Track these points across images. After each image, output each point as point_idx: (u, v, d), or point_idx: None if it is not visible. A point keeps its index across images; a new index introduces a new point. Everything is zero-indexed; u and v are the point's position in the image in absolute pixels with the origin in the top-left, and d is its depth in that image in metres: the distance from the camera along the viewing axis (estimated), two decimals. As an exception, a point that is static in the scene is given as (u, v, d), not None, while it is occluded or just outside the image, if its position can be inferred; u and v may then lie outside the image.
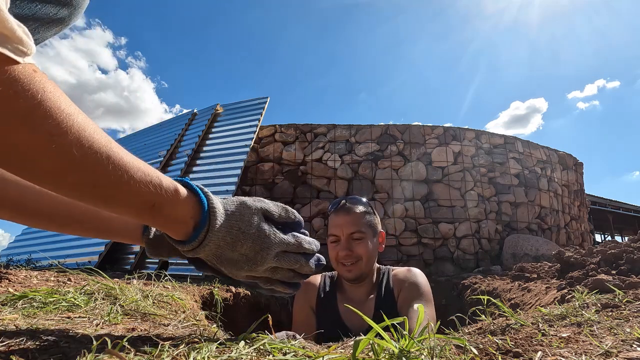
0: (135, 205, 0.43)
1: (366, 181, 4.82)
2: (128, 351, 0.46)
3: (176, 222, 0.48)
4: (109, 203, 0.42)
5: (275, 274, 0.58)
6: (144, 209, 0.44)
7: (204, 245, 0.49)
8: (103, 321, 0.73)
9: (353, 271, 1.25)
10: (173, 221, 0.48)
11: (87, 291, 0.97)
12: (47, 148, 0.35)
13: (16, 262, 3.72)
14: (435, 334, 0.54)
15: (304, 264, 0.58)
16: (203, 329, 0.72)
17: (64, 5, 0.52)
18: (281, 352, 0.50)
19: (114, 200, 0.42)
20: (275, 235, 0.55)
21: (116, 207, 0.43)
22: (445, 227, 4.69)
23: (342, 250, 1.24)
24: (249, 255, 0.53)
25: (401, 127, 5.11)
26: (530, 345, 0.57)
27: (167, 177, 0.47)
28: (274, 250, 0.55)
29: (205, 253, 0.51)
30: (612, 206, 16.65)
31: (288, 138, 5.05)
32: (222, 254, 0.52)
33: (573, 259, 1.93)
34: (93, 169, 0.39)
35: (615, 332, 0.60)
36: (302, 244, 0.58)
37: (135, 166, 0.42)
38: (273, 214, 0.57)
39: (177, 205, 0.47)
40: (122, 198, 0.42)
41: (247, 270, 0.54)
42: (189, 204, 0.49)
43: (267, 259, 0.54)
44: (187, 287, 1.97)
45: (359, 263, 1.24)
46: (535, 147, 5.64)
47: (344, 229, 1.26)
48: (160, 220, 0.46)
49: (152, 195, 0.44)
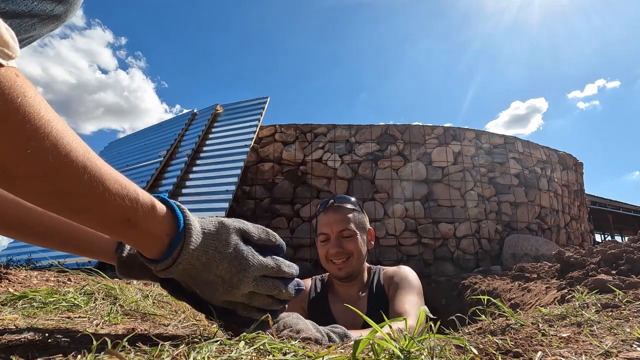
0: (108, 219, 0.42)
1: (366, 181, 4.82)
2: (128, 351, 0.46)
3: (150, 238, 0.46)
4: (82, 214, 0.41)
5: (252, 300, 0.54)
6: (117, 223, 0.42)
7: (178, 264, 0.47)
8: (103, 321, 0.73)
9: (344, 269, 1.25)
10: (147, 237, 0.46)
11: (87, 291, 0.97)
12: (22, 153, 0.35)
13: (16, 262, 3.72)
14: (435, 334, 0.54)
15: (282, 289, 0.55)
16: (203, 329, 0.71)
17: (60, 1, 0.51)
18: (281, 352, 0.50)
19: (87, 212, 0.40)
20: (254, 257, 0.53)
21: (88, 219, 0.41)
22: (445, 227, 4.69)
23: (333, 248, 1.25)
24: (225, 277, 0.51)
25: (401, 127, 5.11)
26: (530, 345, 0.57)
27: (145, 192, 0.45)
28: (251, 273, 0.52)
29: (179, 273, 0.49)
30: (612, 206, 16.66)
31: (288, 138, 5.05)
32: (196, 275, 0.49)
33: (573, 259, 1.93)
34: (67, 178, 0.37)
35: (615, 332, 0.60)
36: (282, 267, 0.56)
37: (112, 178, 0.41)
38: (252, 236, 0.55)
39: (152, 221, 0.45)
40: (96, 210, 0.40)
41: (223, 293, 0.52)
42: (165, 220, 0.46)
43: (244, 281, 0.52)
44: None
45: (350, 260, 1.25)
46: (535, 147, 5.64)
47: (334, 227, 1.26)
48: (133, 235, 0.44)
49: (127, 209, 0.42)
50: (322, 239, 1.29)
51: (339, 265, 1.25)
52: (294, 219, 4.73)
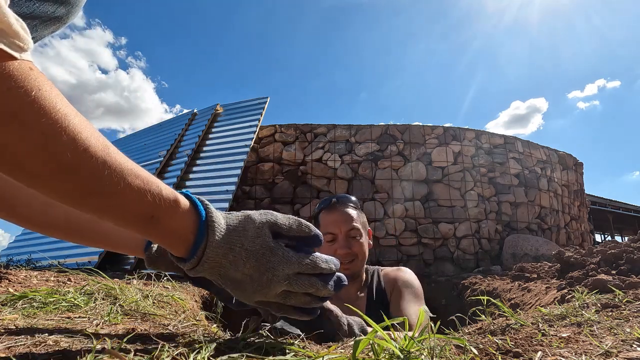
0: (131, 216, 0.40)
1: (366, 181, 4.82)
2: (128, 351, 0.46)
3: (175, 236, 0.44)
4: (104, 212, 0.39)
5: (288, 299, 0.51)
6: (141, 220, 0.41)
7: (203, 263, 0.45)
8: (103, 321, 0.73)
9: (350, 269, 1.24)
10: (171, 235, 0.44)
11: (87, 291, 0.97)
12: (39, 149, 0.33)
13: (16, 262, 3.72)
14: (435, 334, 0.54)
15: (320, 287, 0.51)
16: (203, 329, 0.71)
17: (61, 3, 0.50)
18: (281, 352, 0.50)
19: (109, 210, 0.39)
20: (284, 253, 0.49)
21: (111, 217, 0.40)
22: (445, 227, 4.69)
23: (342, 249, 1.23)
24: (253, 276, 0.47)
25: (401, 127, 5.11)
26: (530, 345, 0.57)
27: (168, 187, 0.43)
28: (282, 271, 0.48)
29: (208, 272, 0.46)
30: (612, 206, 16.65)
31: (288, 138, 5.05)
32: (225, 273, 0.47)
33: (573, 259, 1.93)
34: (87, 175, 0.36)
35: (615, 332, 0.60)
36: (318, 263, 0.51)
37: (133, 173, 0.39)
38: (282, 228, 0.50)
39: (176, 218, 0.43)
40: (118, 208, 0.39)
41: (253, 292, 0.48)
42: (189, 217, 0.44)
43: (274, 280, 0.48)
44: (187, 287, 1.97)
45: (355, 261, 1.25)
46: (535, 147, 5.64)
47: (342, 226, 1.25)
48: (158, 233, 0.43)
49: (150, 205, 0.40)
50: (329, 239, 1.26)
51: (345, 265, 1.24)
52: (294, 219, 4.73)
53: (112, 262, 3.73)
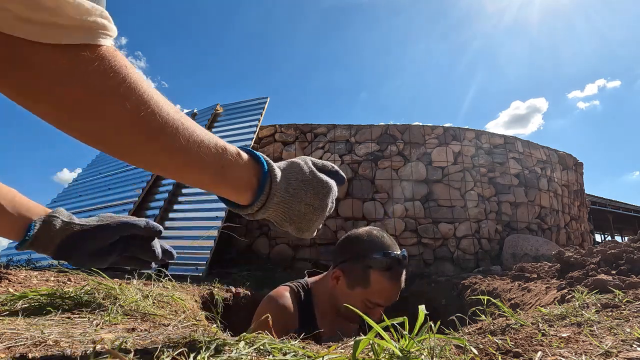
0: (208, 169, 0.46)
1: (366, 181, 4.83)
2: (128, 351, 0.46)
3: (241, 182, 0.50)
4: (185, 168, 0.45)
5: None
6: (214, 172, 0.47)
7: (270, 200, 0.50)
8: (103, 321, 0.73)
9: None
10: (238, 181, 0.50)
11: (87, 291, 0.97)
12: (135, 116, 0.39)
13: (16, 262, 3.72)
14: (435, 334, 0.54)
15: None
16: (203, 329, 0.71)
17: None
18: (281, 352, 0.50)
19: (189, 165, 0.45)
20: (328, 179, 0.56)
21: (189, 171, 0.46)
22: (445, 227, 4.69)
23: (375, 316, 1.15)
24: (314, 204, 0.53)
25: (401, 127, 5.11)
26: (530, 345, 0.57)
27: (226, 143, 0.50)
28: (334, 192, 0.56)
29: (274, 210, 0.52)
30: (612, 206, 16.64)
31: (288, 138, 5.05)
32: (289, 209, 0.52)
33: (573, 259, 1.93)
34: (173, 136, 0.42)
35: (615, 332, 0.60)
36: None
37: (203, 132, 0.46)
38: (317, 164, 0.58)
39: (241, 166, 0.49)
40: (196, 163, 0.45)
41: (316, 220, 0.54)
42: (251, 164, 0.51)
43: (329, 203, 0.55)
44: (187, 287, 1.97)
45: None
46: (535, 147, 5.64)
47: (392, 299, 1.17)
48: (227, 181, 0.49)
49: (220, 157, 0.47)
50: (377, 303, 1.15)
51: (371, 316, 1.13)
52: (294, 219, 4.74)
53: (112, 262, 3.73)
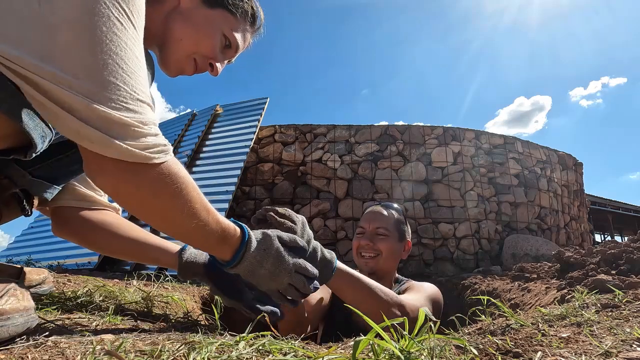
0: (214, 243, 0.69)
1: (366, 181, 4.82)
2: (128, 351, 0.46)
3: (229, 249, 0.72)
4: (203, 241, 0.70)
5: (287, 292, 0.77)
6: (217, 243, 0.70)
7: (243, 262, 0.72)
8: (103, 321, 0.73)
9: (369, 264, 1.28)
10: (228, 248, 0.71)
11: (87, 292, 0.97)
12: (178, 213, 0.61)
13: (16, 262, 3.72)
14: (435, 334, 0.54)
15: (306, 284, 0.77)
16: (203, 329, 0.71)
17: None
18: (281, 352, 0.50)
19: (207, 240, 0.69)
20: (289, 256, 0.76)
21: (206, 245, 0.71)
22: (445, 228, 4.69)
23: (363, 239, 1.30)
24: (271, 270, 0.74)
25: (401, 127, 5.11)
26: (530, 346, 0.57)
27: (230, 222, 0.72)
28: (288, 267, 0.74)
29: (242, 269, 0.73)
30: (612, 206, 16.64)
31: (288, 138, 5.05)
32: (253, 270, 0.73)
33: (573, 259, 1.93)
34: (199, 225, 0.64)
35: (615, 332, 0.60)
36: (308, 267, 0.78)
37: (218, 221, 0.68)
38: (286, 241, 0.77)
39: (233, 239, 0.71)
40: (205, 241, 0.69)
41: (270, 281, 0.75)
42: (238, 236, 0.72)
43: (282, 273, 0.74)
44: (187, 288, 1.97)
45: (378, 258, 1.28)
46: (535, 147, 5.64)
47: (371, 223, 1.33)
48: (222, 248, 0.71)
49: (223, 234, 0.70)
50: (359, 232, 1.36)
51: (366, 259, 1.29)
52: (294, 219, 4.73)
53: (112, 262, 3.73)
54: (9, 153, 0.62)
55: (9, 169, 0.70)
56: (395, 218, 1.39)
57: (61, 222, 0.90)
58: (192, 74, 0.86)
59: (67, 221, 0.89)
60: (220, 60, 0.86)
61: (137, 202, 0.59)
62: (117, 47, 0.52)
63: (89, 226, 0.89)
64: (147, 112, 0.56)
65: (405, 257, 1.43)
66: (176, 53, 0.80)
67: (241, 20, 0.86)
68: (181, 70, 0.83)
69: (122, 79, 0.52)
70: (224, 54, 0.87)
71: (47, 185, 0.78)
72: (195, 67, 0.84)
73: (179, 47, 0.79)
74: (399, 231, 1.38)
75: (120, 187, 0.57)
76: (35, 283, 0.90)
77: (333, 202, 4.74)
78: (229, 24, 0.84)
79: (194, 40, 0.80)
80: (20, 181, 0.74)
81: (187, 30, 0.79)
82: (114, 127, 0.51)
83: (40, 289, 0.90)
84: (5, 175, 0.71)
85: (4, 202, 0.76)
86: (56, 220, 0.90)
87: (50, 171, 0.76)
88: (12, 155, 0.63)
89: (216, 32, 0.82)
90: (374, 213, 1.37)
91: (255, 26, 0.91)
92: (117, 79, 0.51)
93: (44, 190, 0.78)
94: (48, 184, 0.78)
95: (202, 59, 0.83)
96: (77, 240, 0.92)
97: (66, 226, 0.90)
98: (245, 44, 0.91)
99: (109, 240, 0.90)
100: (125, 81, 0.52)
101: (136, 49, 0.55)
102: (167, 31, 0.78)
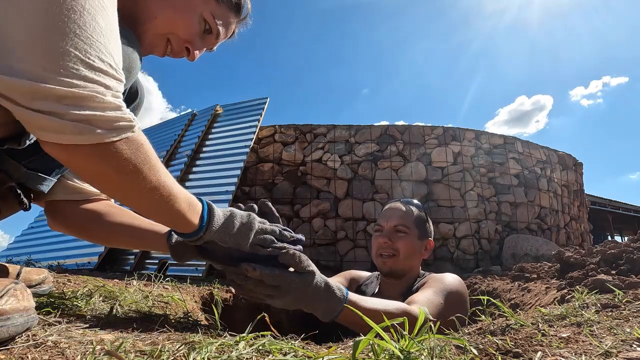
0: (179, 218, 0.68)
1: (366, 181, 4.83)
2: (128, 351, 0.46)
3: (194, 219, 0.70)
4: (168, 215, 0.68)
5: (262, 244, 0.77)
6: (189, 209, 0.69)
7: (210, 230, 0.71)
8: (103, 321, 0.73)
9: (387, 264, 1.24)
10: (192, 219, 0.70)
11: (87, 292, 0.97)
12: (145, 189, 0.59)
13: (16, 263, 3.72)
14: (435, 334, 0.54)
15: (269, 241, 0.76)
16: (203, 329, 0.71)
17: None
18: (281, 352, 0.50)
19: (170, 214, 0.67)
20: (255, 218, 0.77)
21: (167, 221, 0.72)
22: (445, 228, 4.69)
23: (382, 237, 1.26)
24: (241, 229, 0.74)
25: (401, 127, 5.11)
26: (530, 346, 0.57)
27: (193, 197, 0.71)
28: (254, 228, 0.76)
29: (214, 234, 0.72)
30: (612, 206, 16.63)
31: (288, 138, 5.05)
32: (227, 226, 0.73)
33: (573, 259, 1.93)
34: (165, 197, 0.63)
35: (615, 332, 0.60)
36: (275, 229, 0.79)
37: (182, 196, 0.67)
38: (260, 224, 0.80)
39: (197, 211, 0.71)
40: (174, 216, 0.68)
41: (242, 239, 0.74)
42: (198, 201, 0.72)
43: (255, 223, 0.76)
44: (187, 288, 1.97)
45: (396, 257, 1.24)
46: (535, 147, 5.64)
47: (389, 220, 1.28)
48: (187, 220, 0.69)
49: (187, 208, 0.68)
50: (376, 229, 1.32)
51: (384, 259, 1.25)
52: (294, 219, 4.73)
53: (112, 262, 3.73)
54: (3, 143, 0.62)
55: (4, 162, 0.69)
56: (416, 214, 1.31)
57: (56, 216, 0.90)
58: (162, 55, 0.82)
59: (62, 215, 0.89)
60: (199, 45, 0.83)
61: (101, 180, 0.58)
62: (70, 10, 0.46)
63: (82, 218, 0.88)
64: (107, 81, 0.51)
65: (427, 256, 1.33)
66: (149, 31, 0.76)
67: (224, 7, 0.83)
68: (150, 50, 0.80)
69: (74, 44, 0.47)
70: (203, 39, 0.83)
71: (42, 178, 0.77)
72: (169, 49, 0.81)
73: (152, 25, 0.76)
74: (419, 228, 1.30)
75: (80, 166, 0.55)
76: (35, 283, 0.89)
77: (333, 202, 4.75)
78: (210, 7, 0.80)
79: (170, 20, 0.76)
80: (16, 174, 0.72)
81: (164, 8, 0.75)
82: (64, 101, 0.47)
83: (40, 289, 0.90)
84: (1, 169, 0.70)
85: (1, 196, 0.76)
86: (51, 214, 0.90)
87: (45, 163, 0.74)
88: (6, 144, 0.62)
89: (194, 14, 0.78)
90: (393, 209, 1.31)
91: (239, 15, 0.88)
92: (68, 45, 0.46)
93: (40, 183, 0.77)
94: (44, 177, 0.77)
95: (178, 41, 0.79)
96: (73, 232, 0.92)
97: (61, 220, 0.90)
98: (229, 33, 0.88)
99: (102, 230, 0.89)
100: (78, 46, 0.47)
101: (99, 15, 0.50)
102: (142, 7, 0.74)
